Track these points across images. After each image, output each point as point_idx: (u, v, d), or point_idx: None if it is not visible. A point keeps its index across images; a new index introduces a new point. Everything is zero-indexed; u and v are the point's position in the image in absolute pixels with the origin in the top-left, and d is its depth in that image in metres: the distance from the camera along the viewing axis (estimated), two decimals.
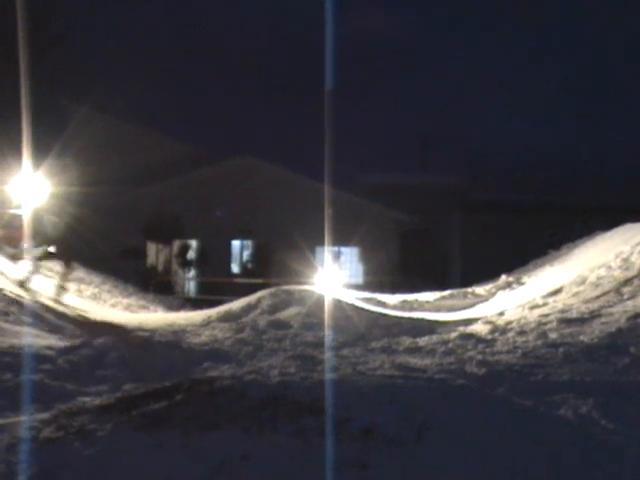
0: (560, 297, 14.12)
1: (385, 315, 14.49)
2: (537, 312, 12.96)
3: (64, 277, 15.09)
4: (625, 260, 14.64)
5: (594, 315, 11.40)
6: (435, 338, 11.24)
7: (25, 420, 5.95)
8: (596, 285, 13.83)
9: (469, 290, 19.18)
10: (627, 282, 13.02)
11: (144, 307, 18.61)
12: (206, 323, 13.91)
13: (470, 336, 11.08)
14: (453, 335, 11.26)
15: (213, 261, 30.48)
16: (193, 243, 31.40)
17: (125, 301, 18.58)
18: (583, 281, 14.62)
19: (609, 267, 14.71)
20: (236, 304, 15.44)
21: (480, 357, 9.10)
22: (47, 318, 12.10)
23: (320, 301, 14.53)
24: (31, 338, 10.11)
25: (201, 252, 31.06)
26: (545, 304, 13.75)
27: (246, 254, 32.48)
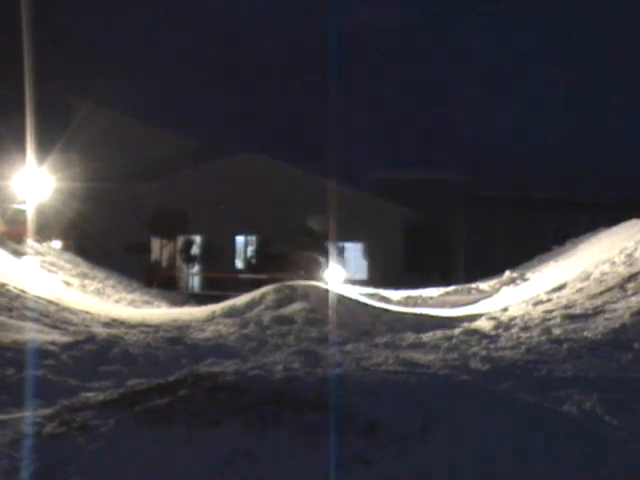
0: (564, 293, 14.09)
1: (389, 311, 14.49)
2: (541, 308, 12.95)
3: None
4: (629, 256, 14.60)
5: (598, 311, 11.39)
6: (439, 334, 11.23)
7: (28, 416, 5.95)
8: (600, 281, 13.80)
9: (473, 286, 19.15)
10: (631, 278, 12.99)
11: (148, 302, 18.62)
12: (210, 319, 13.93)
13: (474, 332, 11.08)
14: (457, 331, 11.26)
15: (217, 257, 30.45)
16: (197, 239, 31.38)
17: (129, 296, 18.59)
18: (587, 277, 14.59)
19: (613, 263, 14.67)
20: (240, 300, 15.44)
21: (484, 353, 9.10)
22: (50, 313, 12.13)
23: (324, 297, 14.51)
24: (34, 333, 10.12)
25: (205, 248, 31.04)
26: (549, 300, 13.73)
27: (250, 250, 32.45)
